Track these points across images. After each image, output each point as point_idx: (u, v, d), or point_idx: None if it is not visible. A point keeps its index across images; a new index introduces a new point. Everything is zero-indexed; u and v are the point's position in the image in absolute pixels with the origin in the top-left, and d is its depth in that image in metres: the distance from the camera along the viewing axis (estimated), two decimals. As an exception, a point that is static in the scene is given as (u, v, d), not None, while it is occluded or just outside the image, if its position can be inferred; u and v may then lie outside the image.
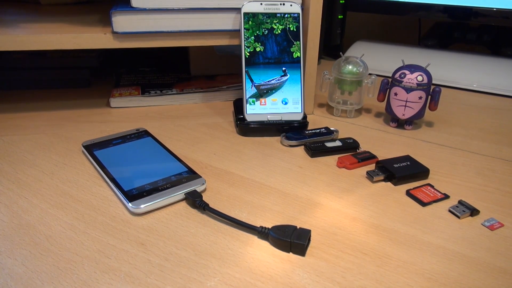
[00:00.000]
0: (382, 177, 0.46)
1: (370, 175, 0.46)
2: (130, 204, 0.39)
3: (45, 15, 0.64)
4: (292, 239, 0.35)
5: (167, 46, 0.56)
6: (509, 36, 0.82)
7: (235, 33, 0.56)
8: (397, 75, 0.56)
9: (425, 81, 0.54)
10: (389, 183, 0.45)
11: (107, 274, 0.33)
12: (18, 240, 0.36)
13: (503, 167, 0.49)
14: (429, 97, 0.56)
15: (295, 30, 0.55)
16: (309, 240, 0.36)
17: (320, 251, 0.36)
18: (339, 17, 0.86)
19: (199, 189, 0.42)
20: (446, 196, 0.43)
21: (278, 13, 0.55)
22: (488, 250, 0.36)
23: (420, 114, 0.56)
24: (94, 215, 0.39)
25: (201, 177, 0.44)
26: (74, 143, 0.52)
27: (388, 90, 0.58)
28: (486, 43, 0.83)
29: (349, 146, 0.51)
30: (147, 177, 0.43)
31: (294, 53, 0.56)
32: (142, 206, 0.39)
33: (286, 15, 0.55)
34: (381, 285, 0.32)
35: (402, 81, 0.55)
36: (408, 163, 0.47)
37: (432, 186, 0.44)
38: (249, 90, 0.55)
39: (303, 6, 0.56)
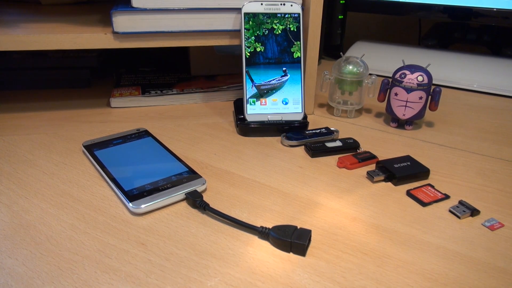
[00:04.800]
0: (382, 177, 0.46)
1: (370, 175, 0.46)
2: (130, 204, 0.39)
3: (45, 15, 0.64)
4: (292, 239, 0.35)
5: (167, 46, 0.56)
6: (509, 36, 0.82)
7: (236, 33, 0.56)
8: (397, 75, 0.56)
9: (426, 81, 0.54)
10: (389, 183, 0.45)
11: (107, 274, 0.33)
12: (18, 240, 0.36)
13: (503, 167, 0.49)
14: (430, 97, 0.56)
15: (295, 30, 0.55)
16: (310, 240, 0.36)
17: (320, 251, 0.36)
18: (340, 17, 0.86)
19: (199, 189, 0.42)
20: (446, 196, 0.43)
21: (279, 13, 0.55)
22: (488, 250, 0.36)
23: (420, 114, 0.56)
24: (95, 215, 0.39)
25: (201, 177, 0.44)
26: (75, 143, 0.52)
27: (388, 90, 0.58)
28: (486, 43, 0.83)
29: (350, 146, 0.52)
30: (148, 177, 0.43)
31: (294, 53, 0.56)
32: (142, 206, 0.39)
33: (286, 15, 0.55)
34: (381, 285, 0.32)
35: (403, 81, 0.55)
36: (409, 163, 0.47)
37: (432, 186, 0.44)
38: (249, 90, 0.55)
39: (304, 6, 0.56)
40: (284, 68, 0.56)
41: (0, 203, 0.41)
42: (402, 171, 0.45)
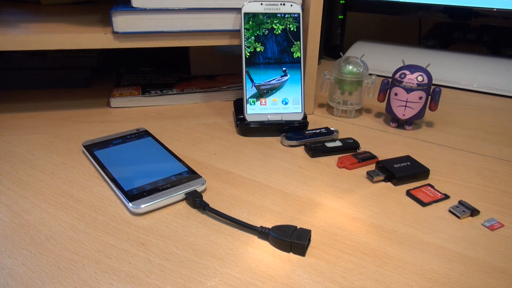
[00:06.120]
0: (382, 177, 0.46)
1: (370, 175, 0.46)
2: (130, 204, 0.39)
3: (45, 15, 0.64)
4: (292, 239, 0.35)
5: (167, 46, 0.56)
6: (509, 36, 0.82)
7: (236, 33, 0.56)
8: (397, 75, 0.56)
9: (425, 81, 0.54)
10: (389, 183, 0.45)
11: (107, 274, 0.33)
12: (18, 240, 0.36)
13: (503, 167, 0.49)
14: (429, 97, 0.56)
15: (295, 30, 0.55)
16: (309, 240, 0.36)
17: (320, 251, 0.36)
18: (339, 17, 0.86)
19: (199, 189, 0.42)
20: (446, 196, 0.43)
21: (279, 13, 0.55)
22: (488, 250, 0.36)
23: (420, 114, 0.56)
24: (95, 215, 0.39)
25: (201, 177, 0.44)
26: (74, 143, 0.52)
27: (388, 90, 0.58)
28: (486, 43, 0.83)
29: (349, 146, 0.52)
30: (148, 177, 0.43)
31: (294, 53, 0.56)
32: (142, 206, 0.39)
33: (286, 15, 0.55)
34: (381, 285, 0.32)
35: (403, 81, 0.55)
36: (408, 163, 0.47)
37: (432, 186, 0.44)
38: (249, 90, 0.55)
39: (304, 6, 0.56)
40: (284, 68, 0.56)
41: (0, 203, 0.41)
42: (402, 171, 0.45)
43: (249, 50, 0.55)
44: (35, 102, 0.64)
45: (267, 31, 0.55)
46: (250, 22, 0.54)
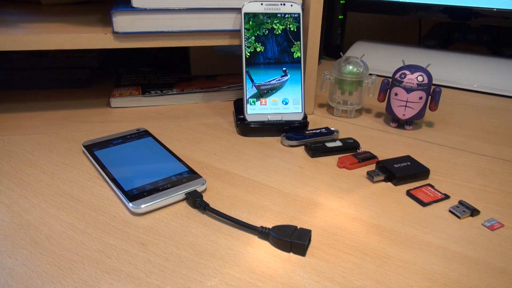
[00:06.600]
0: (382, 177, 0.46)
1: (370, 175, 0.46)
2: (130, 204, 0.39)
3: (45, 15, 0.64)
4: (292, 239, 0.35)
5: (167, 46, 0.56)
6: (509, 36, 0.82)
7: (236, 33, 0.56)
8: (397, 75, 0.56)
9: (426, 81, 0.54)
10: (389, 183, 0.45)
11: (107, 274, 0.33)
12: (18, 240, 0.36)
13: (503, 167, 0.49)
14: (430, 97, 0.56)
15: (295, 30, 0.55)
16: (310, 240, 0.36)
17: (320, 251, 0.36)
18: (340, 17, 0.86)
19: (199, 189, 0.42)
20: (446, 196, 0.43)
21: (279, 13, 0.55)
22: (488, 250, 0.36)
23: (420, 114, 0.56)
24: (95, 215, 0.39)
25: (201, 177, 0.44)
26: (75, 143, 0.52)
27: (388, 90, 0.58)
28: (486, 43, 0.83)
29: (350, 146, 0.52)
30: (148, 177, 0.43)
31: (294, 53, 0.56)
32: (142, 206, 0.39)
33: (286, 15, 0.55)
34: (381, 285, 0.32)
35: (403, 81, 0.55)
36: (409, 163, 0.47)
37: (432, 186, 0.44)
38: (249, 90, 0.55)
39: (304, 6, 0.56)
40: (284, 68, 0.56)
41: (0, 203, 0.41)
42: (402, 171, 0.45)
43: (249, 50, 0.55)
44: (35, 102, 0.64)
45: (267, 31, 0.55)
46: (250, 22, 0.54)
